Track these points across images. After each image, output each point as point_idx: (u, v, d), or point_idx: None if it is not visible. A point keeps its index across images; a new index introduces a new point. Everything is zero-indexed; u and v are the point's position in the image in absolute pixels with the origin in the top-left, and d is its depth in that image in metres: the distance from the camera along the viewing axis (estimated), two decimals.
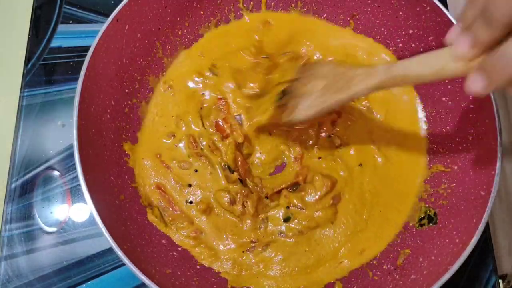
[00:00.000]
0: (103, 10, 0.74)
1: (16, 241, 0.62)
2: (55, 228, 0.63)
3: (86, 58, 0.53)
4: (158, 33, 0.64)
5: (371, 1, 0.66)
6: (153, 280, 0.47)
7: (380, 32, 0.67)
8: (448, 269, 0.48)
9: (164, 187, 0.61)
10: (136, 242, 0.54)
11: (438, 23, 0.59)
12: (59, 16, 0.73)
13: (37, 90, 0.69)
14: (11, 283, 0.60)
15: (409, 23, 0.63)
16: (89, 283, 0.60)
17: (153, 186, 0.61)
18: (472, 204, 0.54)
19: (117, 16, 0.56)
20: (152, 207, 0.59)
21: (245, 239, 0.59)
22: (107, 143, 0.57)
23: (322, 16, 0.70)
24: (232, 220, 0.60)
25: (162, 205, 0.60)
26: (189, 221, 0.60)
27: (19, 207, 0.63)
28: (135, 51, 0.61)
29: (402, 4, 0.63)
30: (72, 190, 0.65)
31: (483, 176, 0.53)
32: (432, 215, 0.59)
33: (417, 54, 0.62)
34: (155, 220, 0.58)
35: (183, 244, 0.59)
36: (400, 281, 0.55)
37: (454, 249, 0.51)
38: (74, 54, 0.71)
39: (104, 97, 0.57)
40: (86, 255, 0.61)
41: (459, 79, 0.59)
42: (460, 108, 0.59)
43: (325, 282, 0.58)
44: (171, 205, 0.60)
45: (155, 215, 0.59)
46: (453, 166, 0.59)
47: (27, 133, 0.67)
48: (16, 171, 0.65)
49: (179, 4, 0.64)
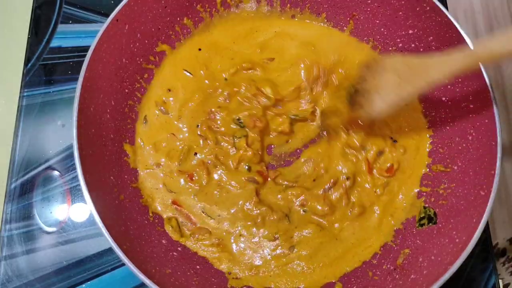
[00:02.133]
0: (103, 10, 0.74)
1: (16, 241, 0.62)
2: (55, 228, 0.63)
3: (86, 58, 0.53)
4: (158, 33, 0.64)
5: (371, 1, 0.66)
6: (153, 280, 0.47)
7: (380, 32, 0.67)
8: (448, 269, 0.48)
9: (180, 202, 0.61)
10: (136, 242, 0.54)
11: (438, 23, 0.59)
12: (59, 16, 0.73)
13: (37, 90, 0.69)
14: (11, 283, 0.60)
15: (409, 23, 0.63)
16: (89, 283, 0.60)
17: (170, 201, 0.61)
18: (472, 204, 0.54)
19: (117, 16, 0.56)
20: (170, 218, 0.60)
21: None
22: (107, 143, 0.57)
23: (323, 16, 0.70)
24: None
25: (181, 220, 0.60)
26: (209, 232, 0.60)
27: (19, 207, 0.63)
28: (135, 51, 0.61)
29: (402, 4, 0.63)
30: (72, 190, 0.65)
31: (483, 176, 0.53)
32: (432, 215, 0.59)
33: (417, 54, 0.63)
34: (170, 230, 0.58)
35: (203, 253, 0.58)
36: (400, 281, 0.55)
37: (454, 249, 0.51)
38: (74, 54, 0.71)
39: (104, 97, 0.57)
40: (86, 255, 0.61)
41: (459, 79, 0.59)
42: (460, 108, 0.59)
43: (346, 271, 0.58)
44: (189, 219, 0.60)
45: (171, 225, 0.59)
46: (453, 166, 0.59)
47: (27, 133, 0.67)
48: (16, 171, 0.65)
49: (179, 4, 0.64)
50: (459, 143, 0.59)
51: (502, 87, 0.75)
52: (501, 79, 0.75)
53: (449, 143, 0.61)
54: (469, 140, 0.58)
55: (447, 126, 0.61)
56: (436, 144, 0.63)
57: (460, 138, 0.59)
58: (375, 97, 0.56)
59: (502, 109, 0.74)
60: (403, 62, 0.55)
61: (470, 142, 0.58)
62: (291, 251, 0.59)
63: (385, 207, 0.61)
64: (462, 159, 0.58)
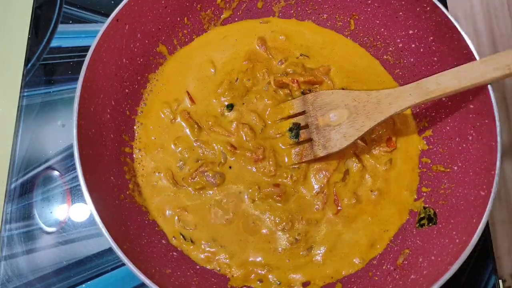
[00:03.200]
0: (103, 10, 0.74)
1: (16, 241, 0.62)
2: (55, 228, 0.63)
3: (86, 58, 0.53)
4: (158, 33, 0.64)
5: (371, 2, 0.66)
6: (153, 280, 0.47)
7: (380, 32, 0.67)
8: (448, 269, 0.48)
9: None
10: (136, 242, 0.54)
11: (438, 23, 0.59)
12: (59, 16, 0.73)
13: (37, 90, 0.69)
14: (11, 283, 0.60)
15: (409, 23, 0.63)
16: (89, 283, 0.60)
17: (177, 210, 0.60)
18: (472, 204, 0.54)
19: (117, 16, 0.56)
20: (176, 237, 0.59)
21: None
22: (107, 143, 0.57)
23: (322, 16, 0.70)
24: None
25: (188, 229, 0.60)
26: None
27: (19, 207, 0.63)
28: (135, 51, 0.61)
29: (402, 4, 0.63)
30: (72, 190, 0.65)
31: (483, 176, 0.53)
32: (432, 215, 0.59)
33: (417, 54, 0.63)
34: (174, 242, 0.59)
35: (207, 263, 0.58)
36: (400, 281, 0.55)
37: (454, 249, 0.51)
38: (74, 54, 0.71)
39: (104, 97, 0.57)
40: (86, 255, 0.61)
41: None
42: (460, 108, 0.59)
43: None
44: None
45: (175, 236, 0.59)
46: (453, 166, 0.59)
47: (27, 133, 0.67)
48: (16, 171, 0.65)
49: (179, 4, 0.64)
50: (459, 143, 0.59)
51: (502, 87, 0.75)
52: None
53: (449, 143, 0.61)
54: (469, 140, 0.58)
55: (447, 126, 0.61)
56: (436, 144, 0.63)
57: (460, 138, 0.59)
58: (333, 134, 0.58)
59: (502, 109, 0.74)
60: (349, 96, 0.58)
61: (470, 142, 0.58)
62: (309, 251, 0.59)
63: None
64: (462, 159, 0.58)
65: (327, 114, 0.59)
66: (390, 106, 0.55)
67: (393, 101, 0.55)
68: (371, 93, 0.56)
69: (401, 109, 0.55)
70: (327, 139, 0.59)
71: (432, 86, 0.53)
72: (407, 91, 0.55)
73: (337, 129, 0.58)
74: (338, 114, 0.58)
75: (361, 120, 0.56)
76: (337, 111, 0.58)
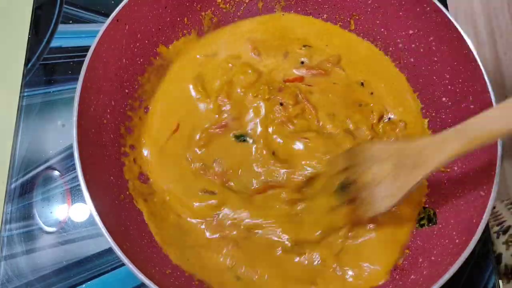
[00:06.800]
0: (103, 10, 0.74)
1: (16, 241, 0.62)
2: (55, 228, 0.63)
3: (86, 58, 0.53)
4: (158, 33, 0.64)
5: (371, 1, 0.66)
6: (153, 280, 0.47)
7: (380, 32, 0.67)
8: (448, 269, 0.48)
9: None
10: (136, 242, 0.54)
11: (438, 23, 0.59)
12: (59, 16, 0.74)
13: (37, 90, 0.69)
14: (11, 283, 0.60)
15: (409, 23, 0.63)
16: (89, 283, 0.60)
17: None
18: (472, 204, 0.54)
19: (117, 16, 0.56)
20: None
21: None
22: (107, 143, 0.57)
23: (322, 17, 0.70)
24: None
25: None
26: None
27: (19, 207, 0.63)
28: (135, 51, 0.61)
29: (402, 4, 0.63)
30: (72, 190, 0.65)
31: (483, 176, 0.53)
32: (432, 215, 0.59)
33: (417, 54, 0.62)
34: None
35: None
36: (400, 281, 0.55)
37: (454, 249, 0.51)
38: (74, 54, 0.71)
39: (104, 97, 0.57)
40: (86, 255, 0.61)
41: (459, 80, 0.59)
42: (460, 108, 0.59)
43: None
44: None
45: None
46: (453, 166, 0.59)
47: (27, 133, 0.67)
48: (16, 171, 0.65)
49: (179, 4, 0.64)
50: None
51: (502, 87, 0.75)
52: (501, 79, 0.75)
53: None
54: None
55: (447, 126, 0.61)
56: None
57: None
58: (376, 192, 0.52)
59: None
60: (390, 148, 0.51)
61: None
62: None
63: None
64: (462, 160, 0.58)
65: (371, 168, 0.52)
66: (432, 159, 0.48)
67: (435, 151, 0.48)
68: (412, 142, 0.50)
69: (439, 163, 0.48)
70: (372, 197, 0.52)
71: (476, 131, 0.45)
72: (450, 138, 0.47)
73: (378, 186, 0.52)
74: (382, 168, 0.51)
75: (404, 175, 0.50)
76: (381, 165, 0.51)
